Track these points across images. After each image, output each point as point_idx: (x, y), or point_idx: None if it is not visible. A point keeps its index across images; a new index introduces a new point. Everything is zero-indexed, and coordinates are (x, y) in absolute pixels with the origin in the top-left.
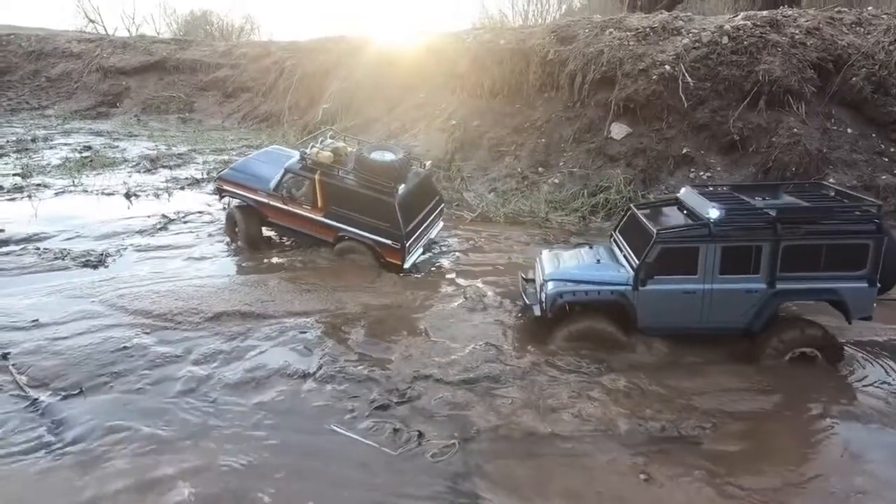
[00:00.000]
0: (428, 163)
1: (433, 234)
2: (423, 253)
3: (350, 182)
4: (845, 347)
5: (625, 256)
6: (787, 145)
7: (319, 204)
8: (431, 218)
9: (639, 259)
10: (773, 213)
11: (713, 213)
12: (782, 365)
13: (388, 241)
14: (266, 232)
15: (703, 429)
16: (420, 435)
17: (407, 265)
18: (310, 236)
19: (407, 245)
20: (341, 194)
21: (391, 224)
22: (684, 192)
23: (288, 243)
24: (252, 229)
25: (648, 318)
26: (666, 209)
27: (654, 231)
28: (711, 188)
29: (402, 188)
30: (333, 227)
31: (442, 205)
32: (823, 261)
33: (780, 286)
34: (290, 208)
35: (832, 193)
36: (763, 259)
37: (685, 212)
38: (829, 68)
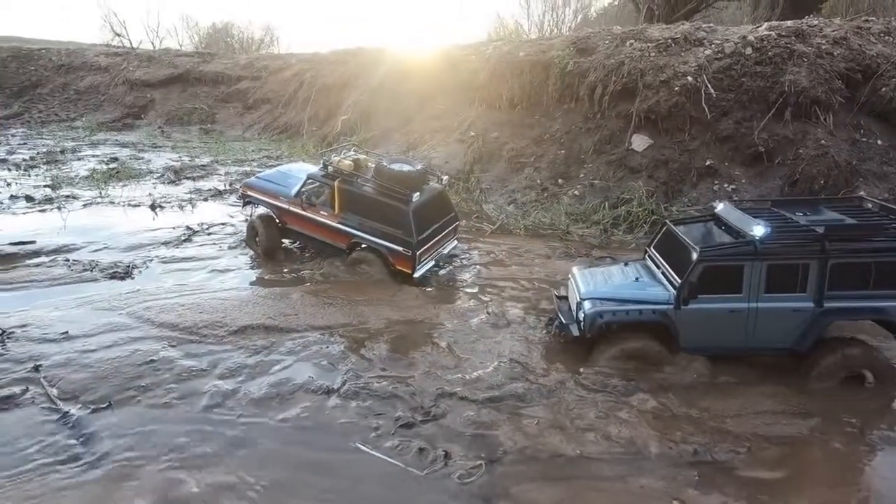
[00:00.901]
0: (445, 178)
1: (446, 250)
2: (435, 268)
3: (367, 189)
4: None
5: (663, 274)
6: (815, 157)
7: (336, 210)
8: (445, 233)
9: (680, 277)
10: (820, 229)
11: (758, 230)
12: (821, 386)
13: (400, 249)
14: (285, 244)
15: (737, 453)
16: (446, 455)
17: (416, 275)
18: (324, 243)
19: (418, 253)
20: (358, 201)
21: (404, 231)
22: (723, 208)
23: (307, 255)
24: (271, 238)
25: (691, 339)
26: (704, 225)
27: (698, 249)
28: (751, 203)
29: (416, 196)
30: (348, 233)
31: (457, 222)
32: (873, 279)
33: (827, 305)
34: (309, 214)
35: (872, 207)
36: (810, 277)
37: (724, 228)
38: (858, 78)
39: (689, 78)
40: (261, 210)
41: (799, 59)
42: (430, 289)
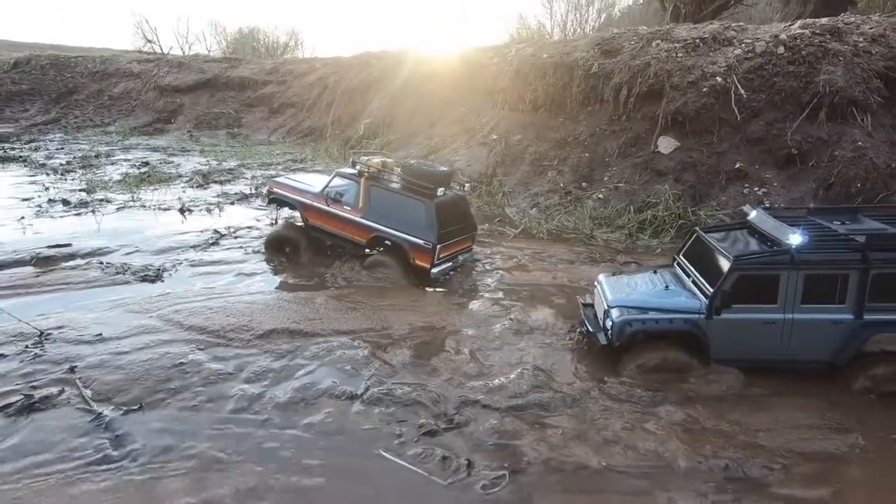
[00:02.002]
0: (467, 185)
1: (462, 256)
2: (451, 272)
3: (393, 185)
4: None
5: (694, 282)
6: (852, 159)
7: (360, 205)
8: (463, 237)
9: (712, 286)
10: (860, 238)
11: (795, 238)
12: (859, 400)
13: (420, 241)
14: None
15: (770, 470)
16: (469, 464)
17: (434, 271)
18: (345, 239)
19: (438, 248)
20: (383, 196)
21: (426, 225)
22: (757, 216)
23: (327, 259)
24: (298, 238)
25: (724, 349)
26: (736, 233)
27: (732, 257)
28: (786, 211)
29: (440, 192)
30: (369, 228)
31: (475, 231)
32: None
33: (867, 317)
34: (332, 209)
35: None
36: (850, 288)
37: (757, 236)
38: None
39: (719, 78)
40: (284, 214)
41: (834, 57)
42: (452, 294)
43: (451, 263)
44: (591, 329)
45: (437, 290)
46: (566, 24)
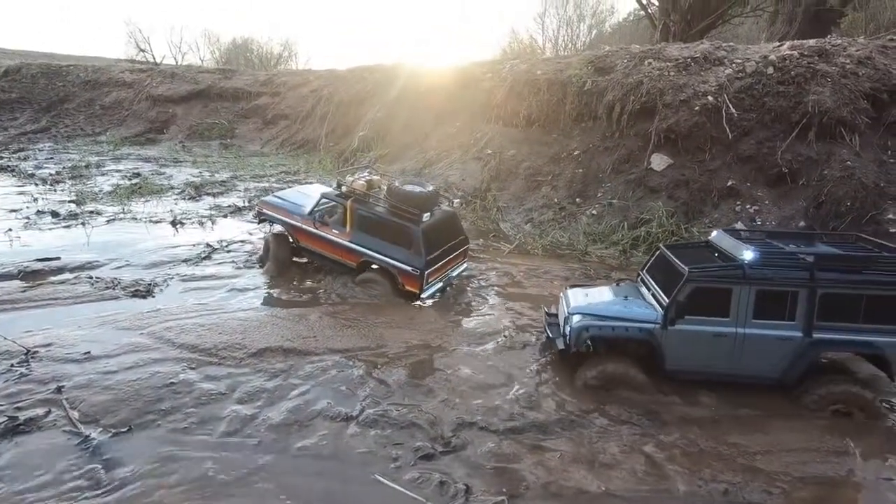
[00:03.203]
0: (456, 201)
1: (455, 273)
2: (443, 290)
3: (379, 209)
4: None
5: (653, 295)
6: (841, 178)
7: (347, 228)
8: (454, 255)
9: (668, 297)
10: (810, 258)
11: (748, 254)
12: (855, 421)
13: (408, 268)
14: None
15: (769, 494)
16: (467, 490)
17: (424, 295)
18: (335, 262)
19: (426, 273)
20: (369, 220)
21: (413, 250)
22: (717, 235)
23: (313, 267)
24: (281, 255)
25: (677, 360)
26: (697, 250)
27: (686, 269)
28: (746, 233)
29: (426, 216)
30: (358, 252)
31: (467, 245)
32: (864, 312)
33: (816, 335)
34: (321, 232)
35: (866, 245)
36: (799, 306)
37: (716, 253)
38: (884, 99)
39: (710, 97)
40: (276, 229)
41: (822, 78)
42: (448, 311)
43: (441, 284)
44: (550, 335)
45: (432, 307)
46: (557, 39)
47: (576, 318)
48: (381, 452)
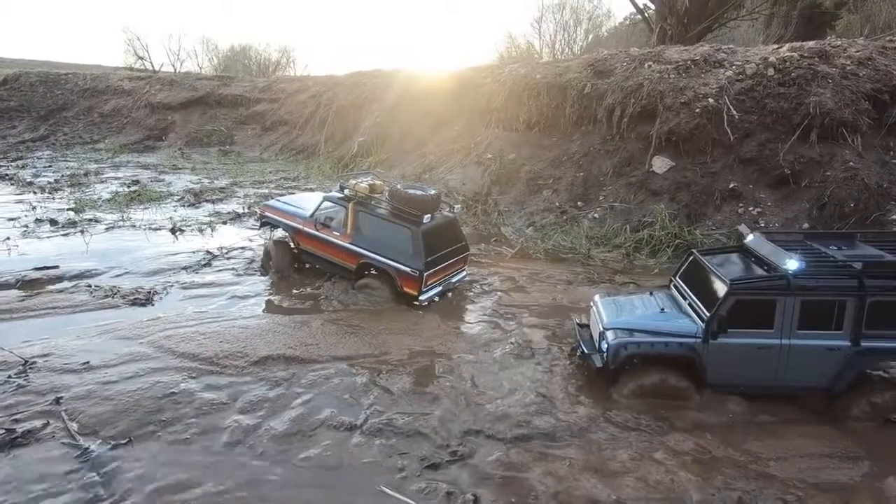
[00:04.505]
0: (457, 207)
1: (454, 279)
2: (442, 295)
3: (380, 211)
4: None
5: (690, 305)
6: (844, 180)
7: (348, 231)
8: (454, 261)
9: (709, 309)
10: (857, 265)
11: (792, 263)
12: (869, 428)
13: (407, 269)
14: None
15: (784, 502)
16: (475, 500)
17: (422, 297)
18: (334, 264)
19: (425, 275)
20: (370, 222)
21: (413, 252)
22: (753, 239)
23: (319, 282)
24: (282, 259)
25: (719, 374)
26: (732, 255)
27: (728, 281)
28: (782, 235)
29: (427, 218)
30: (357, 254)
31: (467, 252)
32: None
33: (865, 344)
34: (322, 234)
35: None
36: (847, 315)
37: (754, 259)
38: (886, 99)
39: (711, 100)
40: (278, 234)
41: (823, 80)
42: (451, 317)
43: (440, 288)
44: (586, 350)
45: (435, 313)
46: (555, 43)
47: (611, 335)
48: (387, 462)
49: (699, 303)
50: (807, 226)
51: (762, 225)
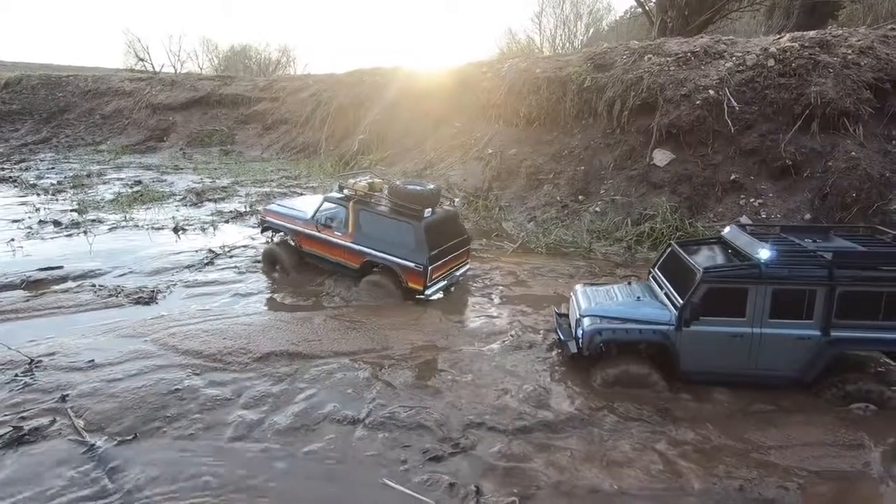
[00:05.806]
0: (457, 200)
1: (458, 272)
2: (448, 289)
3: (381, 208)
4: None
5: (666, 294)
6: (846, 170)
7: (350, 230)
8: (457, 254)
9: (682, 298)
10: (828, 255)
11: (764, 253)
12: (871, 414)
13: (412, 265)
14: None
15: (786, 490)
16: (478, 491)
17: (428, 292)
18: (338, 264)
19: (429, 269)
20: (371, 220)
21: (416, 247)
22: (730, 231)
23: (322, 280)
24: (291, 259)
25: (692, 362)
26: (709, 247)
27: (701, 269)
28: (760, 228)
29: (428, 213)
30: (361, 252)
31: (469, 245)
32: (883, 309)
33: (835, 334)
34: (324, 235)
35: (885, 238)
36: (817, 304)
37: (730, 251)
38: (887, 88)
39: (711, 91)
40: (277, 239)
41: (824, 69)
42: (453, 312)
43: (445, 282)
44: (562, 337)
45: (437, 308)
46: (555, 38)
47: (587, 321)
48: (390, 455)
49: (674, 291)
50: (808, 217)
51: (764, 216)
